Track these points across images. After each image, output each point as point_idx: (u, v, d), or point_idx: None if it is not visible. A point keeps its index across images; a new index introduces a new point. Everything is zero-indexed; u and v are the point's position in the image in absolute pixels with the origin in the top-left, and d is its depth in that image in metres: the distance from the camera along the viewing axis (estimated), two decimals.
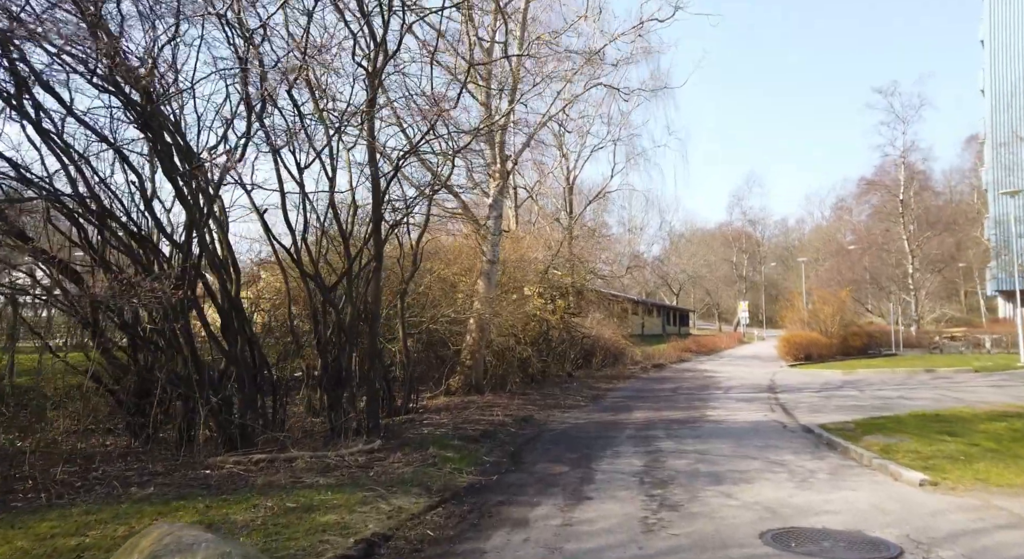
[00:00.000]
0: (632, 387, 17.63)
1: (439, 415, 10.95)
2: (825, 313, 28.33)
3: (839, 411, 11.76)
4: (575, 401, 13.98)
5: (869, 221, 57.62)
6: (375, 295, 8.55)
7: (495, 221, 14.29)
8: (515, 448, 8.57)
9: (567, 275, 23.59)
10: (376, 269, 8.45)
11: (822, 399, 13.81)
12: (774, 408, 12.55)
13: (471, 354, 13.97)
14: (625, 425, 10.60)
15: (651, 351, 28.27)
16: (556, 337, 21.25)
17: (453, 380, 14.01)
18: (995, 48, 36.45)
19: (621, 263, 43.34)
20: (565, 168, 32.12)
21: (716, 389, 16.72)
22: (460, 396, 13.61)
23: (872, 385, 16.83)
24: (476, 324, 13.92)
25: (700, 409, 12.54)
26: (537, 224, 26.69)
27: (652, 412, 12.22)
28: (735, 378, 20.14)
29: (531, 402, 13.18)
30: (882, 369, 20.86)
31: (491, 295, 14.11)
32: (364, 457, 7.59)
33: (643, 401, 14.19)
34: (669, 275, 72.56)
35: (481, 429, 9.64)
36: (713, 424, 10.53)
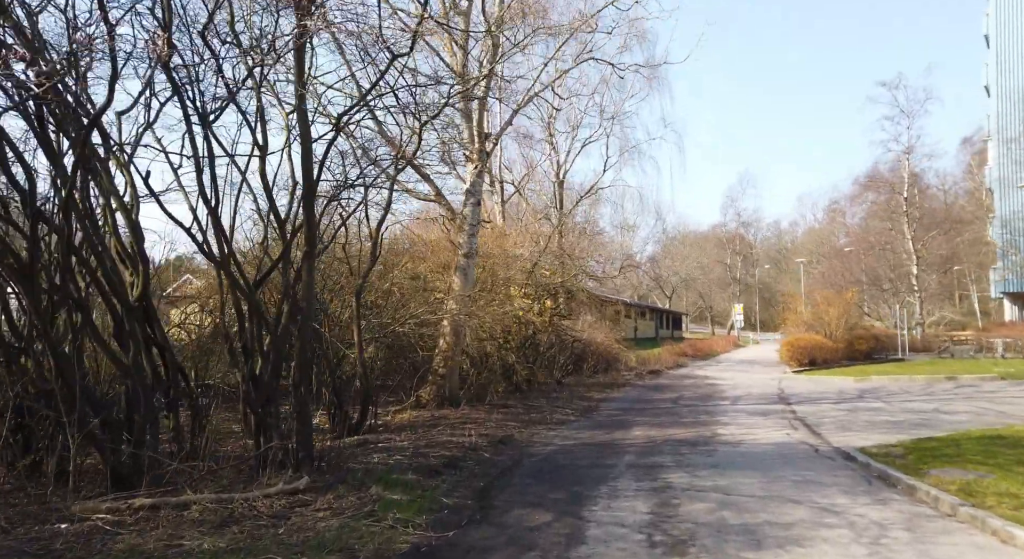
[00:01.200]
0: (628, 397, 15.86)
1: (400, 435, 9.11)
2: (830, 315, 26.71)
3: (873, 429, 10.03)
4: (564, 415, 12.18)
5: (866, 221, 56.36)
6: (307, 289, 6.71)
7: (472, 209, 12.49)
8: (486, 483, 6.75)
9: (556, 274, 21.84)
10: (307, 255, 6.61)
11: (846, 413, 12.08)
12: (794, 424, 10.80)
13: (444, 361, 12.15)
14: (623, 448, 8.81)
15: (646, 356, 26.53)
16: (544, 341, 19.52)
17: (424, 391, 12.18)
18: (1001, 42, 35.09)
19: (613, 264, 41.72)
20: (555, 162, 30.45)
21: (721, 399, 14.97)
22: (431, 410, 11.79)
23: (894, 395, 15.14)
24: (451, 327, 12.10)
25: (709, 425, 10.78)
26: (525, 220, 24.91)
27: (654, 429, 10.44)
28: (740, 386, 18.41)
29: (513, 417, 11.36)
30: (898, 376, 19.22)
31: (468, 293, 12.31)
32: (285, 500, 5.75)
33: (641, 414, 12.41)
34: (662, 277, 71.13)
35: (447, 455, 7.82)
36: (729, 446, 8.75)
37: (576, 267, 21.49)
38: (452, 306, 12.15)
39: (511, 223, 25.36)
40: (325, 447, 8.14)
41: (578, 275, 25.62)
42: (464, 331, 12.06)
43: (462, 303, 12.10)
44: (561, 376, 19.51)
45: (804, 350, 24.56)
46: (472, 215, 12.49)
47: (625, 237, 52.11)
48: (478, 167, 12.42)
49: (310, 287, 6.71)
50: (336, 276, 11.84)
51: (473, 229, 12.50)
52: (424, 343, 12.26)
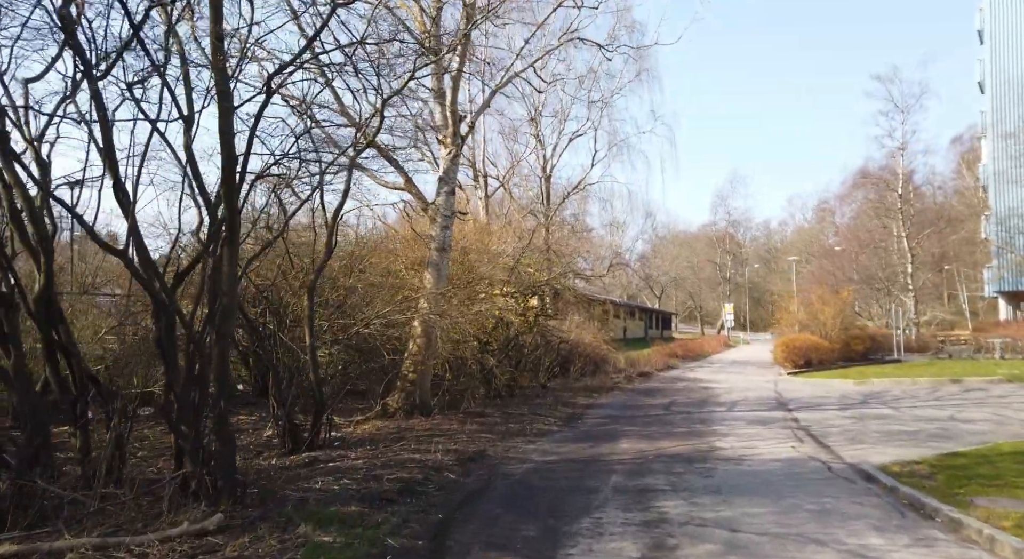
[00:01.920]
0: (616, 402, 14.80)
1: (357, 452, 7.99)
2: (825, 314, 25.81)
3: (888, 441, 9.03)
4: (546, 424, 11.09)
5: (857, 220, 55.74)
6: (228, 282, 5.56)
7: (446, 198, 11.38)
8: (445, 515, 5.64)
9: (542, 272, 20.78)
10: (229, 242, 5.47)
11: (853, 421, 11.08)
12: (799, 435, 9.78)
13: (415, 366, 11.03)
14: (609, 465, 7.73)
15: (635, 357, 25.51)
16: (529, 343, 18.46)
17: (392, 398, 11.06)
18: (996, 37, 34.41)
19: (602, 264, 40.76)
20: (541, 157, 29.41)
21: (717, 405, 13.94)
22: (399, 419, 10.67)
23: (900, 399, 14.19)
24: (421, 328, 10.98)
25: (705, 437, 9.73)
26: (509, 215, 23.82)
27: (644, 441, 9.38)
28: (735, 389, 17.42)
29: (489, 427, 10.26)
30: (899, 378, 18.31)
31: (441, 291, 11.19)
32: (188, 545, 4.63)
33: (631, 423, 11.35)
34: (652, 277, 70.33)
35: (405, 478, 6.71)
36: (730, 464, 7.70)
37: (562, 265, 20.42)
38: (423, 305, 11.04)
39: (496, 220, 24.29)
40: (262, 469, 7.01)
41: (566, 273, 24.61)
42: (436, 332, 10.94)
43: (434, 302, 10.99)
44: (546, 380, 18.43)
45: (800, 351, 23.65)
46: (446, 205, 11.38)
47: (614, 236, 51.21)
48: (452, 152, 11.30)
49: (232, 279, 5.56)
50: (296, 271, 10.72)
51: (447, 221, 11.39)
52: (392, 346, 11.12)
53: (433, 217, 11.33)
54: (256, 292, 9.67)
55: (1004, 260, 33.42)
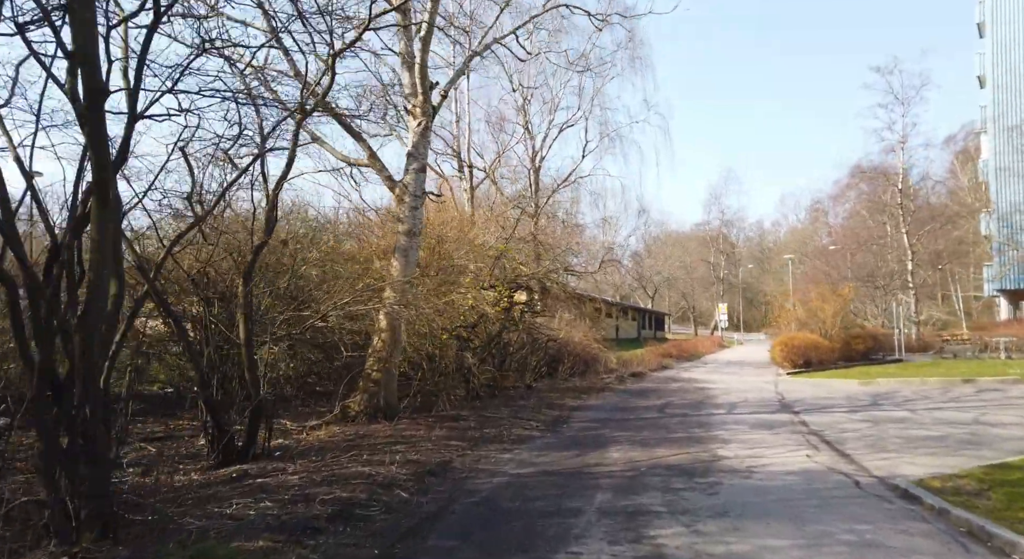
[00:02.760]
0: (606, 404, 13.62)
1: (297, 464, 6.76)
2: (825, 313, 24.74)
3: (914, 448, 7.89)
4: (526, 429, 9.89)
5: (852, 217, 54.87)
6: (102, 255, 4.31)
7: (415, 176, 10.16)
8: (382, 551, 4.44)
9: (529, 265, 19.60)
10: (97, 200, 4.23)
11: (869, 425, 9.94)
12: (812, 441, 8.62)
13: (379, 363, 9.81)
14: (596, 480, 6.54)
15: (627, 357, 24.36)
16: (515, 341, 17.29)
17: (354, 400, 9.84)
18: (997, 28, 33.51)
19: (594, 262, 39.64)
20: (530, 148, 28.24)
21: (715, 407, 12.78)
22: (360, 424, 9.45)
23: (912, 401, 13.08)
24: (387, 321, 9.76)
25: (706, 443, 8.56)
26: (494, 205, 22.61)
27: (637, 449, 8.19)
28: (733, 391, 16.27)
29: (460, 433, 9.04)
30: (907, 379, 17.23)
31: (409, 280, 9.97)
32: None
33: (622, 428, 10.16)
34: (645, 277, 69.32)
35: (344, 498, 5.49)
36: (737, 477, 6.52)
37: (551, 257, 19.23)
38: (390, 296, 9.81)
39: (481, 212, 23.09)
40: (174, 488, 5.78)
41: (555, 269, 23.46)
42: (402, 326, 9.71)
43: (402, 292, 9.77)
44: (532, 380, 17.26)
45: (799, 350, 22.54)
46: (415, 183, 10.16)
47: (607, 234, 50.14)
48: (422, 123, 10.09)
49: (107, 253, 4.32)
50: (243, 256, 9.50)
51: (416, 201, 10.17)
52: (354, 341, 9.91)
53: (401, 197, 10.12)
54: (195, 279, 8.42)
55: (1006, 258, 32.50)
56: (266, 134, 7.53)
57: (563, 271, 25.39)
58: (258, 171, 7.76)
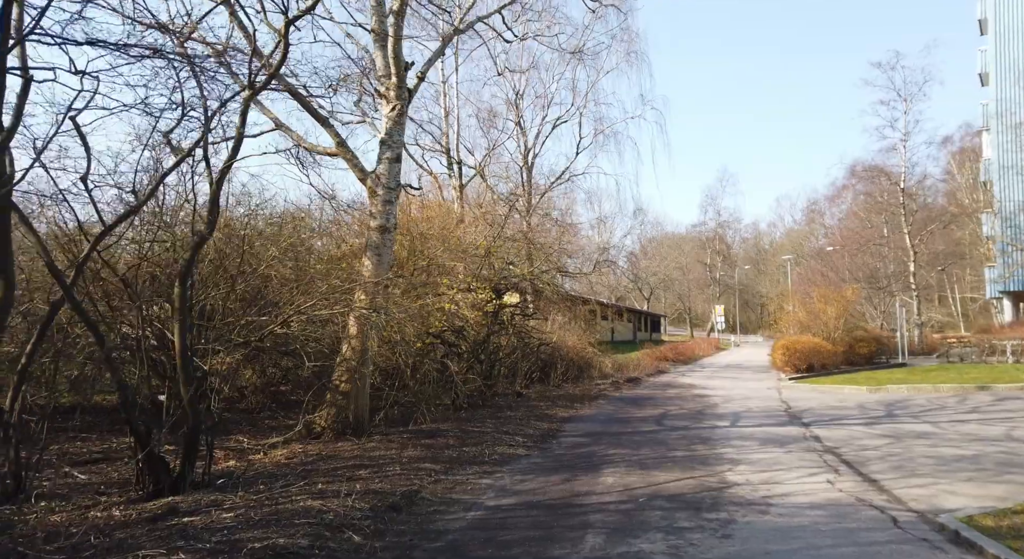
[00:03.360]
0: (601, 414, 12.66)
1: (238, 496, 5.77)
2: (828, 315, 23.86)
3: (949, 471, 6.97)
4: (512, 445, 8.91)
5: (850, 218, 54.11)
6: None
7: (389, 166, 9.19)
8: None
9: (522, 265, 18.66)
10: None
11: (890, 441, 9.01)
12: (830, 462, 7.68)
13: (348, 373, 8.83)
14: (586, 515, 5.58)
15: (623, 360, 23.44)
16: (505, 345, 16.37)
17: (320, 415, 8.86)
18: (1001, 23, 32.75)
19: (588, 263, 38.78)
20: (522, 145, 27.31)
21: (718, 419, 11.84)
22: (326, 441, 8.48)
23: (930, 412, 12.17)
24: (357, 326, 8.78)
25: (711, 463, 7.61)
26: (483, 201, 21.63)
27: (634, 472, 7.23)
28: (734, 398, 15.35)
29: (436, 452, 8.07)
30: (917, 385, 16.33)
31: (383, 280, 9.00)
32: None
33: (617, 444, 9.21)
34: (641, 278, 68.52)
35: (279, 546, 4.51)
36: (753, 512, 5.56)
37: (543, 258, 18.28)
38: (361, 298, 8.83)
39: (471, 211, 22.13)
40: (79, 528, 4.78)
41: (549, 270, 22.54)
42: (372, 331, 8.73)
43: (374, 293, 8.79)
44: (523, 386, 16.33)
45: (801, 354, 21.65)
46: (389, 174, 9.19)
47: (602, 234, 49.37)
48: (396, 108, 9.12)
49: None
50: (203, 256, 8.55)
51: (390, 194, 9.19)
52: (320, 349, 8.92)
53: (373, 189, 9.14)
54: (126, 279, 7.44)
55: (1010, 259, 31.72)
56: (211, 114, 6.57)
57: (556, 272, 24.48)
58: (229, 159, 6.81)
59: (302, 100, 8.54)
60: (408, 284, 9.48)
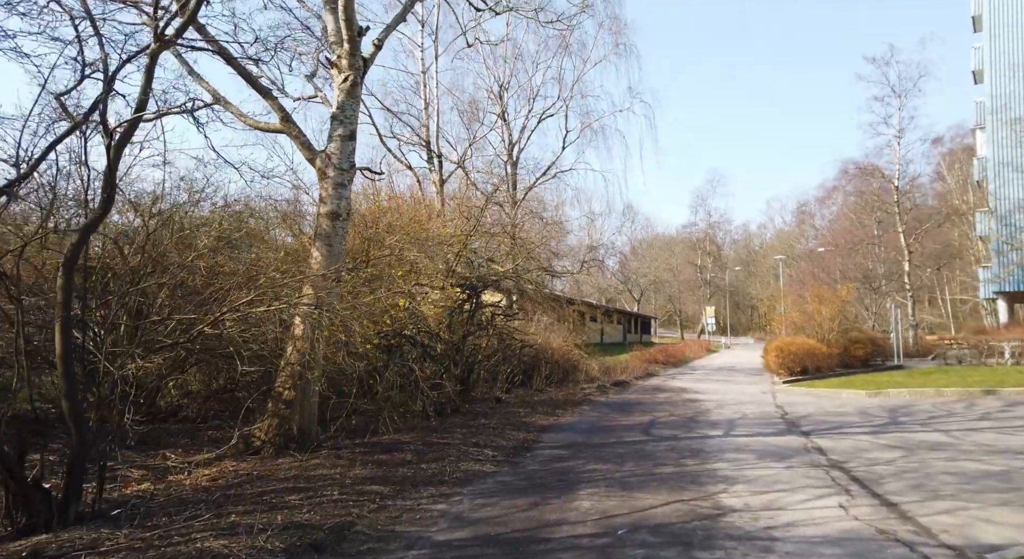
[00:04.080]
0: (583, 422, 11.66)
1: (125, 533, 4.71)
2: (823, 315, 23.00)
3: (976, 490, 6.02)
4: (479, 460, 7.88)
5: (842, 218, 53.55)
6: None
7: (342, 145, 8.16)
8: None
9: (504, 262, 17.63)
10: None
11: (903, 454, 8.06)
12: (838, 479, 6.71)
13: (292, 379, 7.77)
14: (552, 555, 4.57)
15: (611, 363, 22.46)
16: (485, 347, 15.38)
17: (260, 426, 7.80)
18: (995, 18, 32.14)
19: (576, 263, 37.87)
20: (506, 139, 26.34)
21: (710, 427, 10.86)
22: (265, 457, 7.43)
23: (938, 418, 11.27)
24: (303, 326, 7.73)
25: (704, 483, 6.62)
26: (465, 201, 20.59)
27: (614, 493, 6.23)
28: (727, 403, 14.40)
29: (389, 470, 7.03)
30: (918, 389, 15.45)
31: (334, 273, 7.95)
32: None
33: (598, 457, 8.20)
34: (631, 279, 67.74)
35: None
36: (754, 549, 4.57)
37: (524, 254, 17.25)
38: (308, 294, 7.77)
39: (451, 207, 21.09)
40: None
41: (534, 270, 21.53)
42: (321, 331, 7.67)
43: (323, 287, 7.74)
44: (503, 391, 15.33)
45: (796, 356, 20.76)
46: (341, 154, 8.15)
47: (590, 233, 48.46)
48: (350, 78, 8.08)
49: None
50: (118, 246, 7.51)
51: (342, 176, 8.15)
52: (260, 352, 7.85)
53: (323, 171, 8.09)
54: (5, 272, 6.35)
55: (1006, 258, 31.08)
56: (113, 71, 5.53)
57: (540, 271, 23.48)
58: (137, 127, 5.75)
59: (237, 65, 7.49)
60: (358, 278, 8.41)
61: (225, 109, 8.21)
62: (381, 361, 9.39)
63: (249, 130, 8.47)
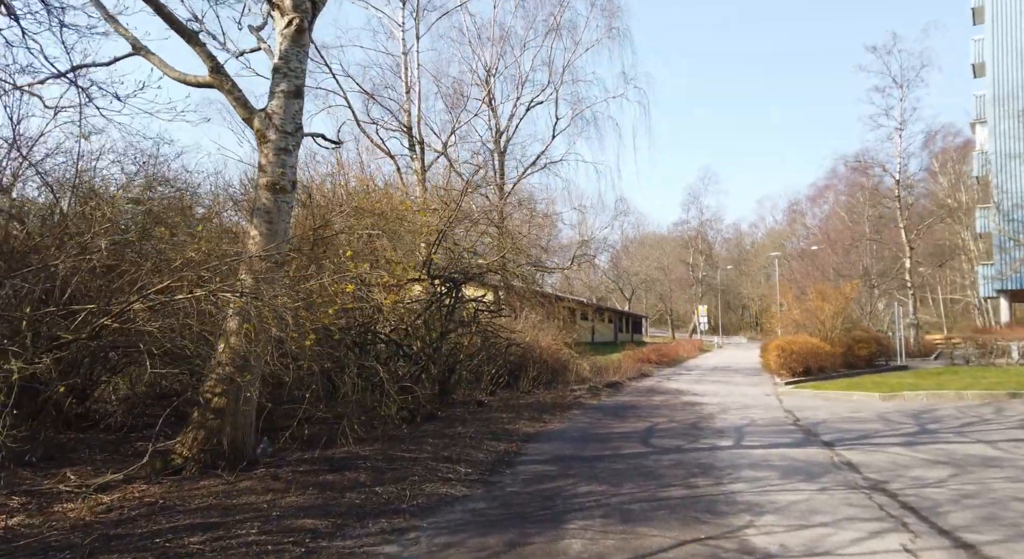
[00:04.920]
0: (573, 429, 10.36)
1: None
2: (825, 313, 21.85)
3: None
4: (448, 480, 6.55)
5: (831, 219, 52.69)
6: None
7: (285, 103, 6.80)
8: None
9: (488, 255, 16.31)
10: None
11: (952, 471, 6.82)
12: (886, 506, 5.45)
13: (222, 383, 6.41)
14: None
15: (603, 363, 21.21)
16: (468, 345, 14.10)
17: (184, 440, 6.44)
18: (998, 8, 31.20)
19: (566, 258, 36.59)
20: (493, 127, 25.01)
21: (717, 435, 9.59)
22: (187, 477, 6.07)
23: (972, 426, 10.07)
24: (238, 319, 6.36)
25: (722, 514, 5.33)
26: (447, 189, 19.25)
27: (612, 529, 4.92)
28: (730, 407, 13.17)
29: (331, 497, 5.69)
30: (935, 392, 14.28)
31: (277, 256, 6.60)
32: None
33: (590, 477, 6.89)
34: (622, 278, 66.67)
35: None
36: None
37: (510, 246, 15.92)
38: (245, 281, 6.41)
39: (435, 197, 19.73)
40: None
41: (522, 265, 20.22)
42: (262, 324, 6.29)
43: (262, 272, 6.38)
44: (486, 394, 14.04)
45: (798, 356, 19.57)
46: (285, 113, 6.79)
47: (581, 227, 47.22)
48: (294, 23, 6.73)
49: None
50: None
51: (286, 140, 6.80)
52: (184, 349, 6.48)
53: (263, 133, 6.74)
54: None
55: (1009, 256, 30.11)
56: None
57: (529, 266, 22.20)
58: None
59: (154, 2, 6.12)
60: (302, 262, 7.04)
61: (146, 60, 6.83)
62: (332, 361, 8.04)
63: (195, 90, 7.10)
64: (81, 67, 6.93)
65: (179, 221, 7.08)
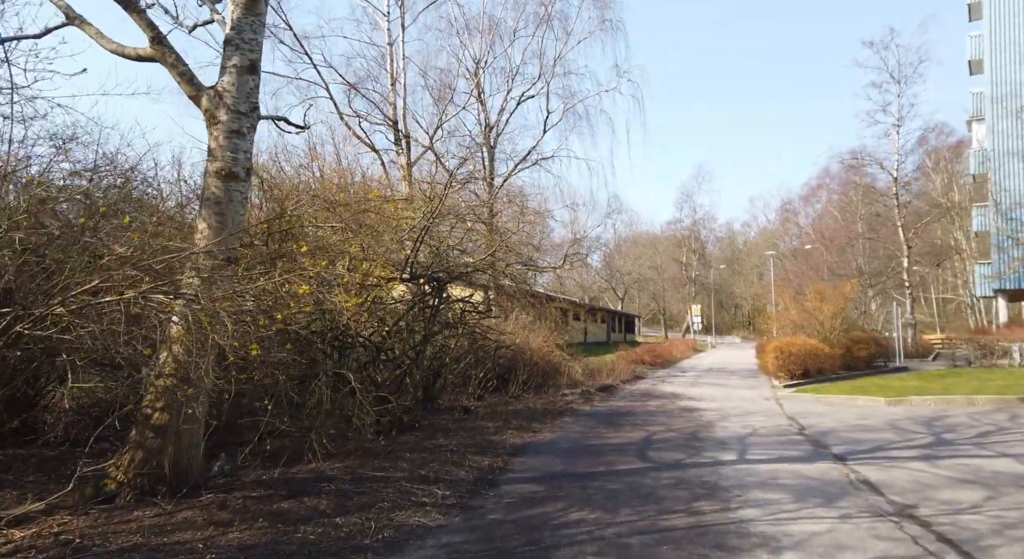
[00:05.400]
0: (564, 440, 9.62)
1: None
2: (824, 313, 21.23)
3: None
4: (421, 505, 5.80)
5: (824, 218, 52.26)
6: None
7: (238, 79, 6.03)
8: None
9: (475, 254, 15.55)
10: None
11: (984, 493, 6.13)
12: (923, 542, 4.75)
13: (164, 396, 5.63)
14: None
15: (596, 364, 20.52)
16: (455, 347, 13.39)
17: (120, 462, 5.65)
18: (995, 4, 30.72)
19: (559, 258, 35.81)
20: (483, 121, 24.24)
21: (719, 447, 8.88)
22: (120, 506, 5.30)
23: (991, 435, 9.41)
24: (184, 323, 5.57)
25: (735, 551, 4.61)
26: (432, 184, 18.48)
27: None
28: (729, 413, 12.48)
29: (281, 531, 4.93)
30: (944, 397, 13.64)
31: (228, 251, 5.82)
32: None
33: (583, 501, 6.14)
34: (615, 277, 66.05)
35: None
36: None
37: (499, 243, 15.17)
38: (191, 282, 5.63)
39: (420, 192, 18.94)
40: None
41: (512, 264, 19.48)
42: (210, 331, 5.51)
43: (209, 270, 5.60)
44: (473, 399, 13.32)
45: (797, 358, 18.91)
46: (238, 91, 6.01)
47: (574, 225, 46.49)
48: None
49: None
50: None
51: (240, 121, 6.02)
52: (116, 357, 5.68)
53: (212, 113, 5.95)
54: None
55: (1007, 255, 29.64)
56: None
57: (519, 265, 21.46)
58: None
59: None
60: (256, 258, 6.26)
61: (81, 29, 6.03)
62: (305, 367, 7.27)
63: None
64: (7, 40, 6.11)
65: (131, 212, 6.29)
